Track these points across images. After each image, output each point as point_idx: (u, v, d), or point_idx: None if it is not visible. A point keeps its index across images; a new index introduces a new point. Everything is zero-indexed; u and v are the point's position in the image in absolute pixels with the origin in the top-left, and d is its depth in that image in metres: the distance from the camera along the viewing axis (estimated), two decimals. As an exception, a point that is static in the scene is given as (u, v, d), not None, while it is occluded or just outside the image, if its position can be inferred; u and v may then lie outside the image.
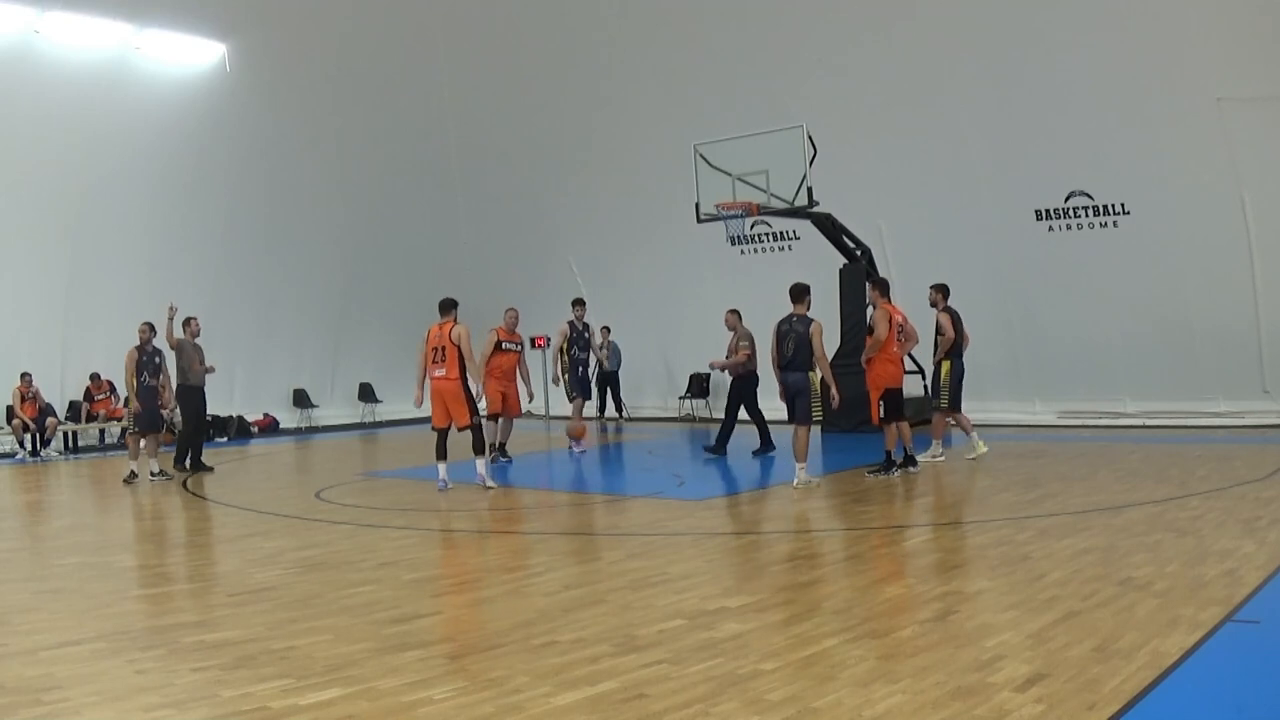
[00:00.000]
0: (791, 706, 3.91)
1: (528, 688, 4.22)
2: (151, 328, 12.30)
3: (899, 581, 6.11)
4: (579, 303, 14.05)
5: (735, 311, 12.86)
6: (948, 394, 11.27)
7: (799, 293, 9.91)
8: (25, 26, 16.09)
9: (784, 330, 9.83)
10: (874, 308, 10.81)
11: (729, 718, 3.83)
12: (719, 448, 12.36)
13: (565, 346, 13.56)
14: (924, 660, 4.40)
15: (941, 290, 11.55)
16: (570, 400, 13.81)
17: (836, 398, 9.85)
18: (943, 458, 11.28)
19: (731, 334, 12.71)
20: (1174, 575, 5.69)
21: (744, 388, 12.49)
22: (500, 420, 12.54)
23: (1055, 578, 5.77)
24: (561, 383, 13.71)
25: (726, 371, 12.98)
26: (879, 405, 10.47)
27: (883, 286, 11.08)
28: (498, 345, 12.49)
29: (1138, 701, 3.82)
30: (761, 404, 12.40)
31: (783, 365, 9.85)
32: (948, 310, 11.38)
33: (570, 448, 13.63)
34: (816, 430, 10.55)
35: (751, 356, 12.37)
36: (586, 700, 4.05)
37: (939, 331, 11.31)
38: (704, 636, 4.88)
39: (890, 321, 10.53)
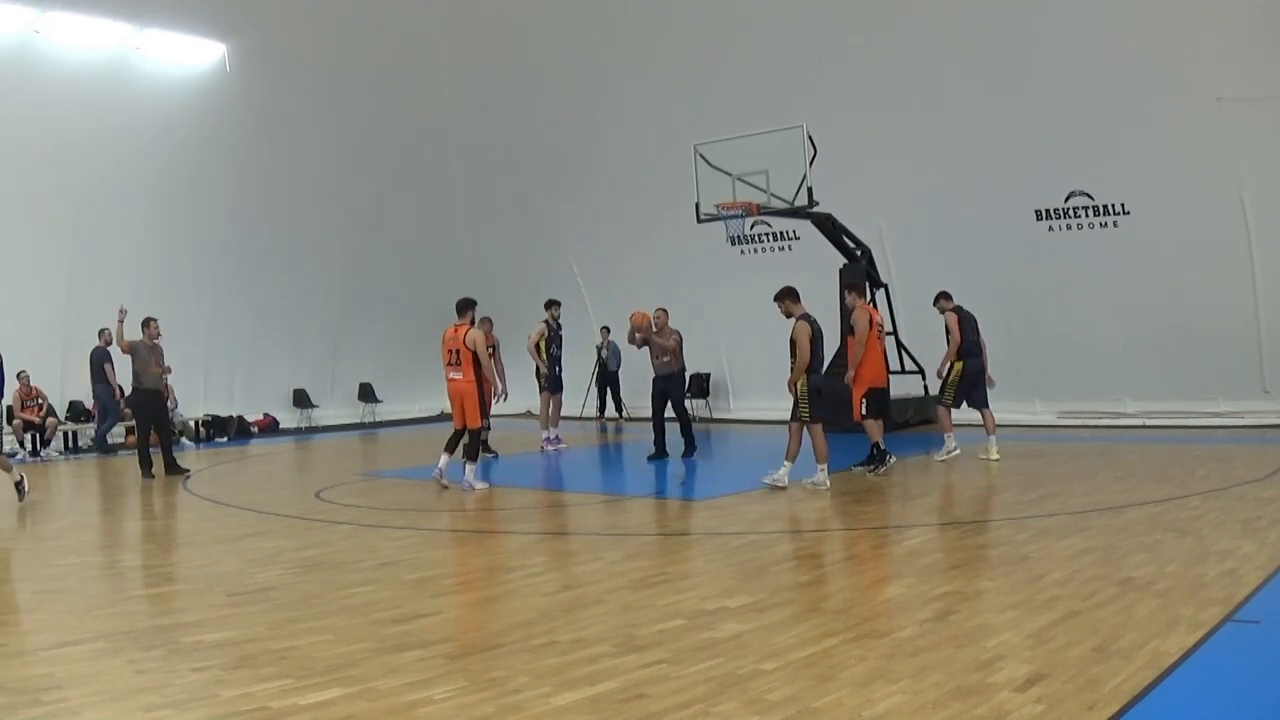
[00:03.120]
0: (791, 706, 3.91)
1: (528, 688, 4.22)
2: None
3: (899, 581, 6.11)
4: (554, 303, 14.56)
5: (665, 310, 12.73)
6: (952, 392, 11.43)
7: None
8: (25, 26, 16.08)
9: (818, 331, 9.67)
10: (853, 309, 10.93)
11: (729, 718, 3.83)
12: (660, 452, 12.52)
13: (543, 345, 14.13)
14: (924, 660, 4.40)
15: (943, 294, 11.73)
16: (541, 393, 14.39)
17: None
18: (957, 450, 11.36)
19: (657, 333, 12.44)
20: (1174, 575, 5.69)
21: (673, 387, 12.51)
22: None
23: (1055, 578, 5.77)
24: (539, 378, 14.23)
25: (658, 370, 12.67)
26: (862, 402, 10.56)
27: (859, 288, 11.29)
28: None
29: (1138, 701, 3.82)
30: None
31: (818, 368, 9.67)
32: (956, 311, 11.47)
33: (542, 448, 13.88)
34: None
35: (678, 355, 12.40)
36: (586, 700, 4.05)
37: (948, 333, 11.42)
38: (704, 636, 4.88)
39: (871, 321, 10.63)
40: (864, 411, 10.53)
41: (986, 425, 11.47)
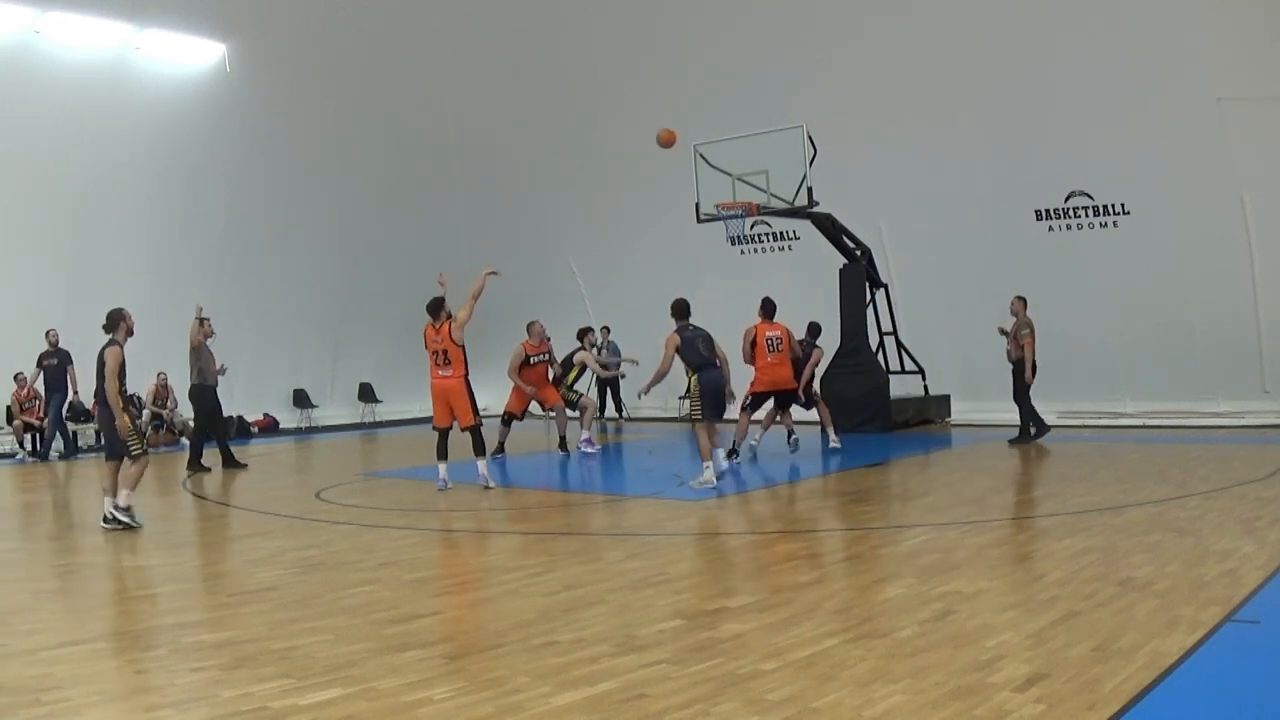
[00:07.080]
0: (791, 706, 3.90)
1: (528, 688, 4.21)
2: None
3: (899, 581, 6.10)
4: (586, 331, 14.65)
5: (1022, 298, 12.80)
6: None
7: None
8: (25, 26, 16.09)
9: (688, 339, 10.40)
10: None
11: (729, 718, 3.83)
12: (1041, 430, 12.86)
13: (576, 375, 14.26)
14: (924, 660, 4.40)
15: (811, 329, 12.98)
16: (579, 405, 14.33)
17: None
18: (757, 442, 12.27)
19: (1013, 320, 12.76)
20: (1174, 575, 5.69)
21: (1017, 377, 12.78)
22: (552, 413, 13.54)
23: (1055, 578, 5.76)
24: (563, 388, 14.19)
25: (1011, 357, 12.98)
26: (747, 398, 11.89)
27: (762, 310, 12.13)
28: (525, 361, 12.76)
29: (1138, 701, 3.82)
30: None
31: (703, 366, 10.21)
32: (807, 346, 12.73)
33: (579, 448, 13.79)
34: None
35: (1031, 345, 12.62)
36: (586, 700, 4.04)
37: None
38: (704, 636, 4.88)
39: (758, 336, 11.78)
40: (743, 404, 11.59)
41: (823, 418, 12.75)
